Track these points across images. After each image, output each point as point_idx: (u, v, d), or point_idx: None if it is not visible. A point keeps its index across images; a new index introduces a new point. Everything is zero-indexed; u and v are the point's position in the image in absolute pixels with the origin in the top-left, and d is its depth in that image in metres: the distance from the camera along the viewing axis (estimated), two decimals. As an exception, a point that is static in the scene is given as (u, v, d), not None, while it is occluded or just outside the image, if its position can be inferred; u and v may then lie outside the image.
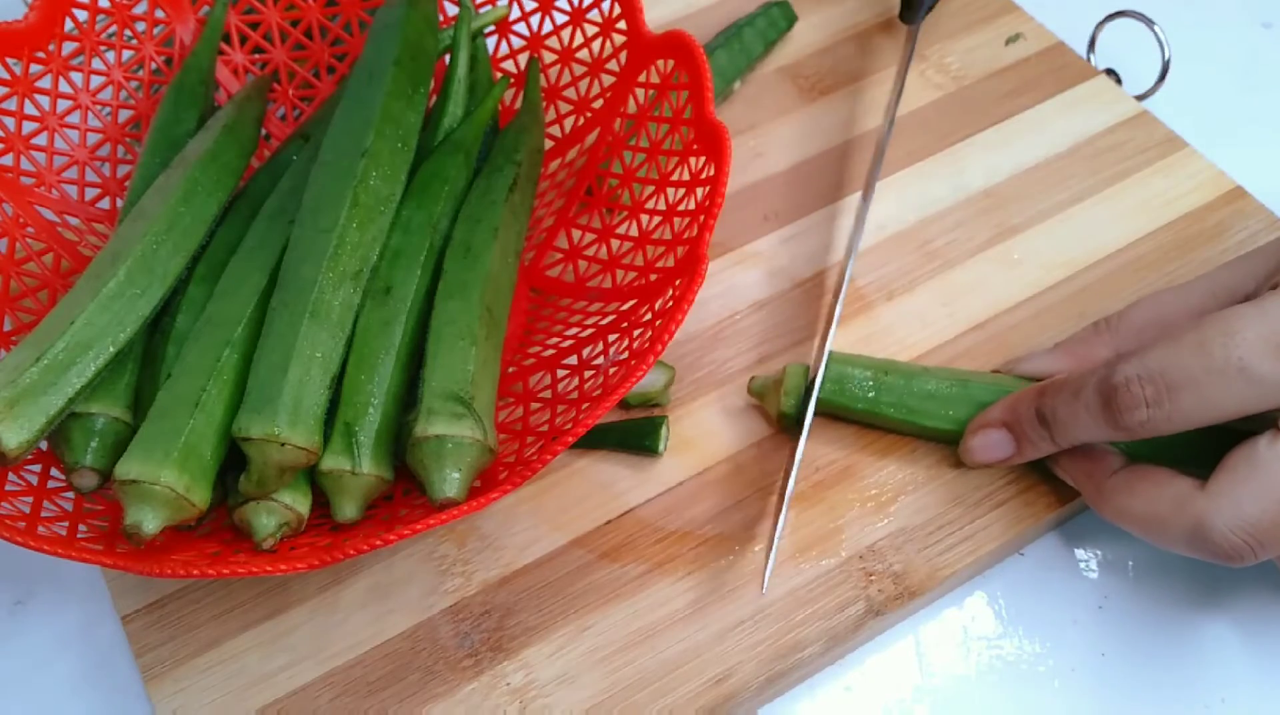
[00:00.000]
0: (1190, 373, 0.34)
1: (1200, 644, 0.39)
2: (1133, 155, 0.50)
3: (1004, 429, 0.39)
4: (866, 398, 0.41)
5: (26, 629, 0.41)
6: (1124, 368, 0.35)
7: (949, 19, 0.56)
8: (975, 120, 0.52)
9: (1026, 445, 0.39)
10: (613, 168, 0.46)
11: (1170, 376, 0.34)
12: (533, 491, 0.41)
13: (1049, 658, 0.39)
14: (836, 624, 0.38)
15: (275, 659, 0.38)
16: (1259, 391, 0.33)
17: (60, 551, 0.33)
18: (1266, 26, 0.59)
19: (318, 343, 0.36)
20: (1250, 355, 0.33)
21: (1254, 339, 0.33)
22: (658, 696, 0.37)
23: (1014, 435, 0.39)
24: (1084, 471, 0.39)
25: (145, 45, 0.48)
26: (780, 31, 0.56)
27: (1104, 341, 0.41)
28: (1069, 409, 0.37)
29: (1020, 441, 0.39)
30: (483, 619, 0.39)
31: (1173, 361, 0.34)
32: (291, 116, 0.50)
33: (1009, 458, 0.40)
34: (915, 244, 0.48)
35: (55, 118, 0.45)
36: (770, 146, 0.52)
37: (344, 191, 0.39)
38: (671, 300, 0.38)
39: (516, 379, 0.42)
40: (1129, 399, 0.35)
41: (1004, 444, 0.39)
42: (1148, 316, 0.40)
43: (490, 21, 0.49)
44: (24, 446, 0.34)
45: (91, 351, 0.36)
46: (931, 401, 0.41)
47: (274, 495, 0.35)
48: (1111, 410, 0.35)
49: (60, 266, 0.43)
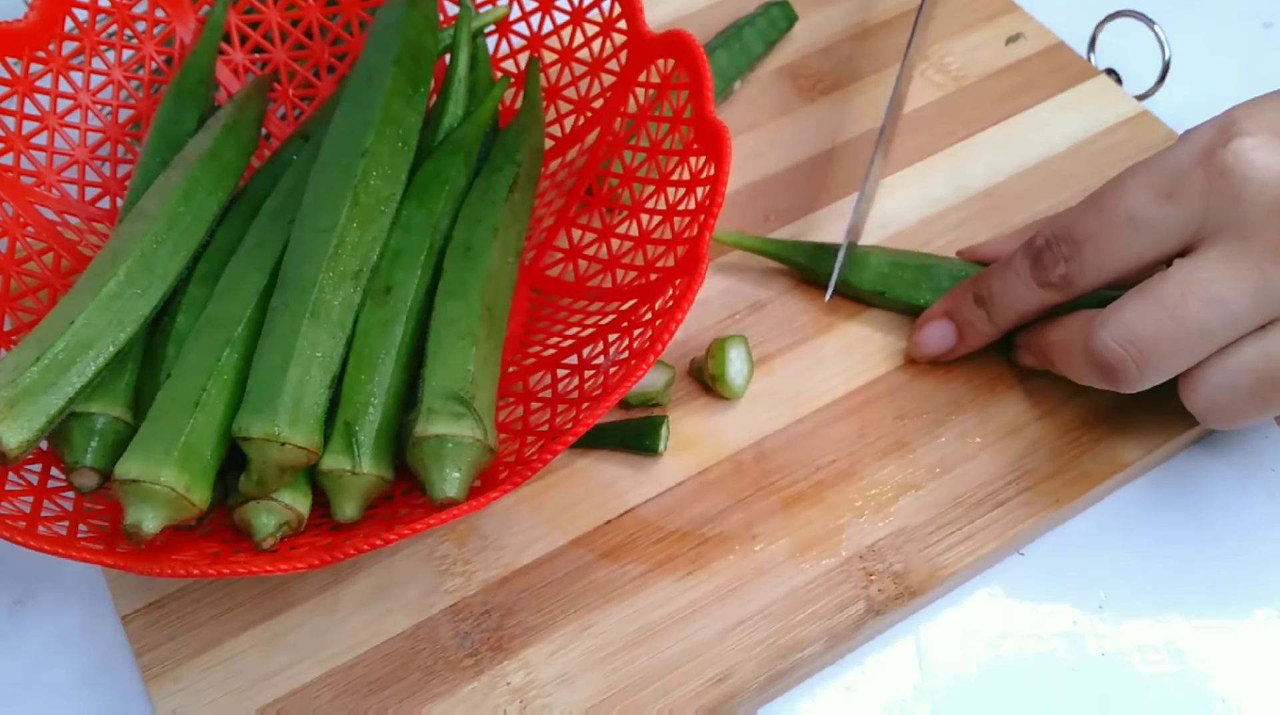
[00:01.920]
0: (1090, 228, 0.38)
1: (1200, 644, 0.39)
2: (1133, 155, 0.50)
3: (946, 318, 0.43)
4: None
5: (26, 629, 0.41)
6: (1044, 231, 0.40)
7: (949, 19, 0.56)
8: (976, 120, 0.52)
9: (968, 330, 0.42)
10: (613, 167, 0.46)
11: (1076, 233, 0.38)
12: (533, 491, 0.41)
13: (1049, 658, 0.39)
14: (836, 624, 0.38)
15: (275, 659, 0.38)
16: (1150, 237, 0.37)
17: (60, 551, 0.33)
18: (1267, 26, 0.59)
19: (318, 342, 0.36)
20: (1136, 204, 0.37)
21: (1138, 189, 0.37)
22: (658, 696, 0.37)
23: (955, 323, 0.43)
24: (1036, 337, 0.42)
25: (145, 45, 0.48)
26: (780, 31, 0.56)
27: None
28: (1002, 280, 0.41)
29: (962, 328, 0.43)
30: (483, 619, 0.39)
31: (1078, 220, 0.39)
32: (292, 116, 0.50)
33: (953, 348, 0.43)
34: (916, 243, 0.48)
35: (55, 117, 0.45)
36: (770, 146, 0.52)
37: (344, 191, 0.39)
38: (672, 300, 0.38)
39: (517, 379, 0.42)
40: (1049, 257, 0.39)
41: (947, 334, 0.43)
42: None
43: (490, 21, 0.49)
44: (24, 446, 0.34)
45: (91, 351, 0.36)
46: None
47: (274, 495, 0.35)
48: (1038, 268, 0.40)
49: (60, 266, 0.43)
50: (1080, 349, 0.38)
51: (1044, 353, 0.41)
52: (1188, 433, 0.42)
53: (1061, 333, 0.40)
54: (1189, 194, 0.36)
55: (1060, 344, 0.40)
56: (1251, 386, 0.36)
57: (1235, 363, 0.36)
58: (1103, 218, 0.38)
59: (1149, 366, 0.36)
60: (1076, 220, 0.39)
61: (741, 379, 0.43)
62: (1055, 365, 0.41)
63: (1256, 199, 0.35)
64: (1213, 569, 0.41)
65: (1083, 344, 0.37)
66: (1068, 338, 0.39)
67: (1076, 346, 0.38)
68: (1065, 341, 0.39)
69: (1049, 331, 0.41)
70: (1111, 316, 0.37)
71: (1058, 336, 0.40)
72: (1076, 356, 0.38)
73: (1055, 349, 0.40)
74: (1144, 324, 0.36)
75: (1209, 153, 0.36)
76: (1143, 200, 0.37)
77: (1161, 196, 0.36)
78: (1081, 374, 0.39)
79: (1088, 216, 0.38)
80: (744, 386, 0.43)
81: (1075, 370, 0.39)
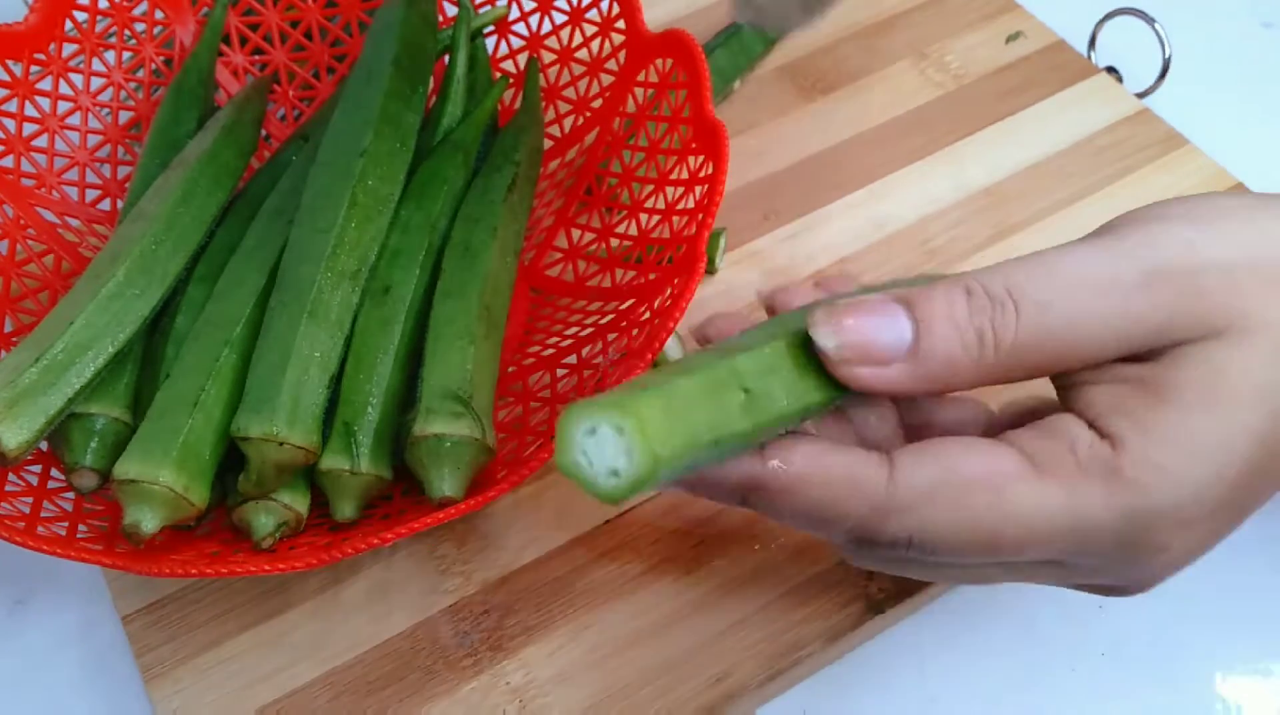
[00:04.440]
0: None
1: (1201, 644, 0.39)
2: (1133, 153, 0.50)
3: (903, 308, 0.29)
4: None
5: (26, 629, 0.41)
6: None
7: (949, 17, 0.56)
8: (976, 118, 0.52)
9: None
10: (612, 167, 0.46)
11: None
12: (532, 491, 0.41)
13: (1049, 658, 0.39)
14: (836, 623, 0.38)
15: (275, 659, 0.38)
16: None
17: (60, 551, 0.33)
18: (1267, 26, 0.59)
19: (316, 342, 0.36)
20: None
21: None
22: (657, 696, 0.37)
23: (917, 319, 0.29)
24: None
25: (145, 47, 0.48)
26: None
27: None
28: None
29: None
30: (482, 618, 0.39)
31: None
32: (291, 117, 0.50)
33: (912, 355, 0.28)
34: (915, 242, 0.48)
35: (55, 119, 0.45)
36: (770, 146, 0.52)
37: (342, 191, 0.39)
38: (670, 298, 0.38)
39: (516, 378, 0.42)
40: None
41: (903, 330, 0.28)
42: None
43: (489, 21, 0.49)
44: (24, 447, 0.34)
45: (91, 352, 0.36)
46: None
47: (273, 495, 0.35)
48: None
49: (61, 268, 0.43)
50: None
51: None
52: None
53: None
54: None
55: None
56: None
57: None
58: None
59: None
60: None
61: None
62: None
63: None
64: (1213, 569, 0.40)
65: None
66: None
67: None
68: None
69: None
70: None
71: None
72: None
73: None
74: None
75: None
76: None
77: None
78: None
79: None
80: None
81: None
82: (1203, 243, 0.27)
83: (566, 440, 0.24)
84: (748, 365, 0.26)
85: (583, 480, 0.24)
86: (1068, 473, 0.26)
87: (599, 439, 0.24)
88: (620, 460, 0.24)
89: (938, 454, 0.27)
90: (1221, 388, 0.26)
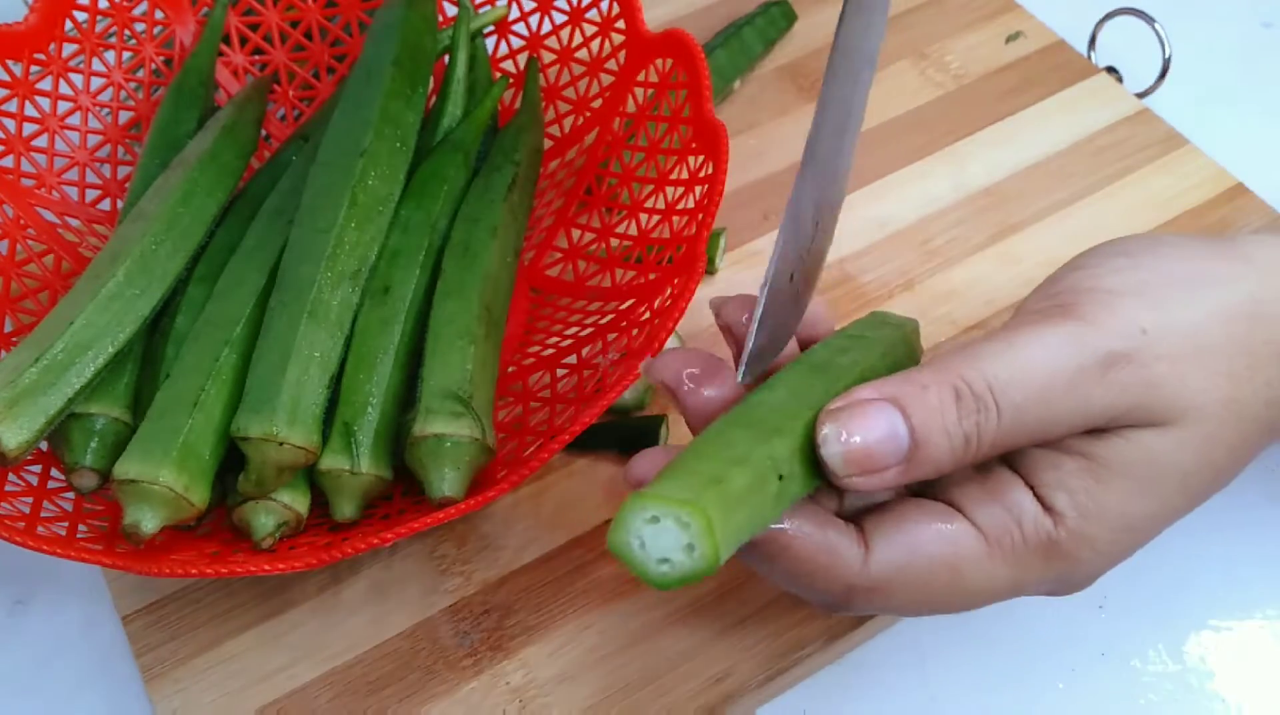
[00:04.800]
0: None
1: (1200, 644, 0.39)
2: (1133, 153, 0.50)
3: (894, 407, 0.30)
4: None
5: (26, 629, 0.41)
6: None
7: (949, 17, 0.56)
8: (976, 118, 0.52)
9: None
10: (611, 167, 0.46)
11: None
12: (532, 491, 0.41)
13: (1049, 658, 0.39)
14: (836, 623, 0.38)
15: (275, 659, 0.38)
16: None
17: (60, 551, 0.33)
18: (1266, 26, 0.59)
19: (316, 342, 0.36)
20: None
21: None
22: (657, 695, 0.37)
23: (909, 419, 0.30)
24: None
25: (145, 47, 0.48)
26: (780, 31, 0.56)
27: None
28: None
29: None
30: (482, 618, 0.39)
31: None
32: (291, 117, 0.50)
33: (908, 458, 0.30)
34: (916, 242, 0.48)
35: (55, 119, 0.45)
36: (770, 146, 0.52)
37: (342, 191, 0.39)
38: (670, 298, 0.38)
39: (516, 378, 0.42)
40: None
41: (898, 430, 0.29)
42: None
43: (489, 22, 0.49)
44: (24, 447, 0.34)
45: (91, 352, 0.36)
46: None
47: (273, 495, 0.35)
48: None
49: (61, 268, 0.43)
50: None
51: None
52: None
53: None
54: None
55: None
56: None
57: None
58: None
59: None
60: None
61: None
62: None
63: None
64: (1213, 569, 0.40)
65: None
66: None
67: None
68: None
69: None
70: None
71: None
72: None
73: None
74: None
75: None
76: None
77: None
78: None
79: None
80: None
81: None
82: (1155, 331, 0.30)
83: (625, 523, 0.25)
84: (782, 451, 0.27)
85: (632, 563, 0.25)
86: (1014, 549, 0.30)
87: (659, 529, 0.25)
88: (677, 553, 0.25)
89: (906, 535, 0.30)
90: (1154, 476, 0.30)
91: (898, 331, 0.34)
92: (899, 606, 0.31)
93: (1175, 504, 0.31)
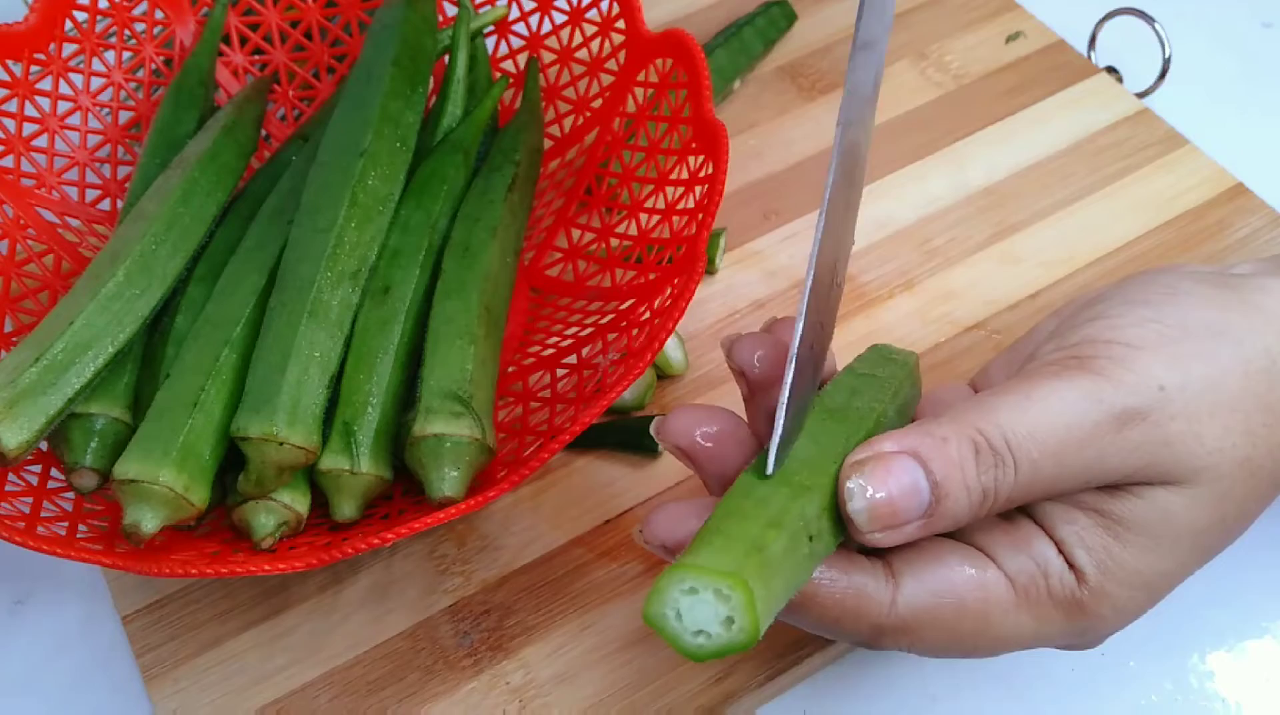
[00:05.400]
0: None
1: (1200, 644, 0.39)
2: (1133, 153, 0.50)
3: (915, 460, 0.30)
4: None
5: (26, 629, 0.41)
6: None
7: (949, 17, 0.56)
8: (975, 118, 0.52)
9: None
10: (611, 167, 0.46)
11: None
12: (532, 491, 0.41)
13: (1049, 658, 0.39)
14: (836, 623, 0.38)
15: (275, 659, 0.38)
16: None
17: (60, 551, 0.33)
18: (1266, 26, 0.59)
19: (316, 342, 0.36)
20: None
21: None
22: (657, 696, 0.37)
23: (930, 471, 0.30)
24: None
25: (145, 46, 0.48)
26: (780, 31, 0.56)
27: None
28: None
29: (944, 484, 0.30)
30: (482, 618, 0.39)
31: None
32: (291, 117, 0.50)
33: (930, 512, 0.29)
34: (915, 242, 0.48)
35: (55, 119, 0.45)
36: (770, 146, 0.52)
37: (342, 191, 0.39)
38: (670, 298, 0.38)
39: (516, 378, 0.42)
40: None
41: (920, 484, 0.29)
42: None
43: (489, 21, 0.49)
44: (24, 447, 0.34)
45: (91, 352, 0.36)
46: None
47: (273, 495, 0.35)
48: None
49: (61, 268, 0.43)
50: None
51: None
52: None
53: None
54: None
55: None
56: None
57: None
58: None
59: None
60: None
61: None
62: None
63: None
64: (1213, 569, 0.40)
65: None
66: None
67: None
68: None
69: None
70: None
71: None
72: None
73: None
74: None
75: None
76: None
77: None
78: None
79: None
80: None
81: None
82: (1172, 388, 0.30)
83: (662, 595, 0.24)
84: (811, 510, 0.27)
85: (667, 634, 0.24)
86: (1040, 601, 0.30)
87: (698, 600, 0.24)
88: (715, 625, 0.24)
89: (936, 576, 0.30)
90: (1170, 535, 0.30)
91: (903, 368, 0.34)
92: (927, 647, 0.30)
93: (1189, 561, 0.31)
